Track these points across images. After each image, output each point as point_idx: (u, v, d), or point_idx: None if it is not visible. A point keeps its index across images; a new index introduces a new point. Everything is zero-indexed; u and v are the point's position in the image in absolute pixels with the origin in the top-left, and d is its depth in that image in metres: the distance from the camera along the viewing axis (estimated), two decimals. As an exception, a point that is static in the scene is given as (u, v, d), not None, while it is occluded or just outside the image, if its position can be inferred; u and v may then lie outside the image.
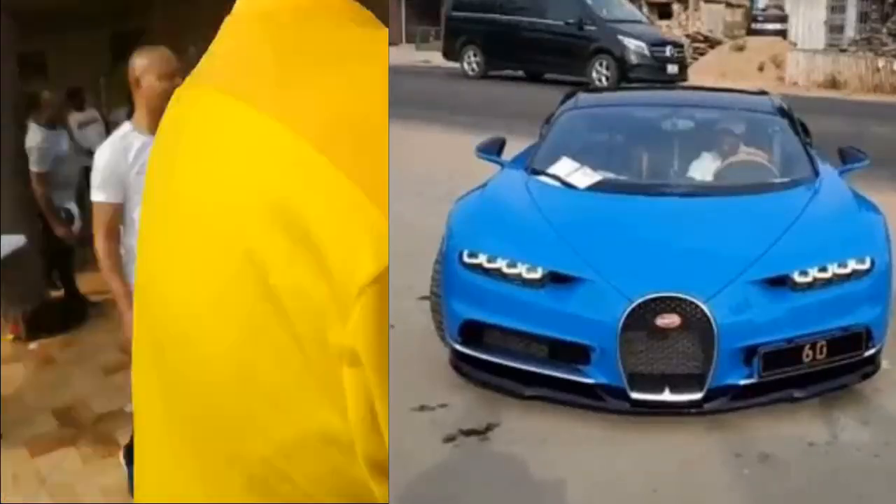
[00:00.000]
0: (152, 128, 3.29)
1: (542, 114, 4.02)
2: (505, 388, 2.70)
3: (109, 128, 7.17)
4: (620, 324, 2.48)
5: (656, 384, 2.53)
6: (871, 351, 2.65)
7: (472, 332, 2.75)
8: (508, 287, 2.68)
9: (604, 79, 10.51)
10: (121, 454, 4.26)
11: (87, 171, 4.22)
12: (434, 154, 5.96)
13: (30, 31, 7.91)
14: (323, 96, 0.67)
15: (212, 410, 0.74)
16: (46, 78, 11.07)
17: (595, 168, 3.24)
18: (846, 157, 3.54)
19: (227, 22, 0.84)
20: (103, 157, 3.37)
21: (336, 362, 0.62)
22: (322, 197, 0.62)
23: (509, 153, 3.69)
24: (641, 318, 2.49)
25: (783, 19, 14.99)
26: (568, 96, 3.98)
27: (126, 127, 3.46)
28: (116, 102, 9.12)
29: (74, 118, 8.09)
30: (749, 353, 2.51)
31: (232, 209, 0.68)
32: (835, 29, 14.62)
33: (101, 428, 4.86)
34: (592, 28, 10.72)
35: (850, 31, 14.29)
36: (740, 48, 14.03)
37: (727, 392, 2.53)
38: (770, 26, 14.83)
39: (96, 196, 3.37)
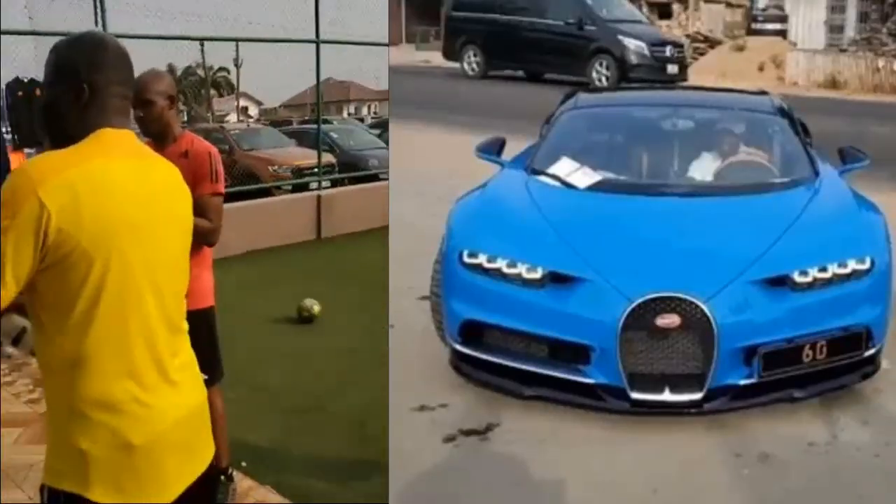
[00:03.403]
0: None
1: (542, 114, 4.02)
2: (505, 388, 2.70)
3: None
4: (620, 324, 2.48)
5: (656, 384, 2.53)
6: (871, 351, 2.65)
7: (472, 332, 2.75)
8: (508, 287, 2.68)
9: (604, 79, 10.51)
10: None
11: None
12: (434, 154, 5.95)
13: None
14: None
15: None
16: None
17: (595, 168, 3.23)
18: (846, 157, 3.54)
19: None
20: None
21: None
22: None
23: (509, 153, 3.69)
24: (641, 318, 2.49)
25: (783, 19, 15.00)
26: (568, 96, 3.98)
27: None
28: None
29: None
30: (749, 353, 2.51)
31: None
32: (835, 29, 14.63)
33: None
34: (592, 28, 10.72)
35: (850, 31, 14.30)
36: (740, 48, 14.04)
37: (727, 392, 2.53)
38: (770, 26, 14.85)
39: None
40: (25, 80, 6.80)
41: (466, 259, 2.75)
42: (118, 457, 1.46)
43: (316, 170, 9.79)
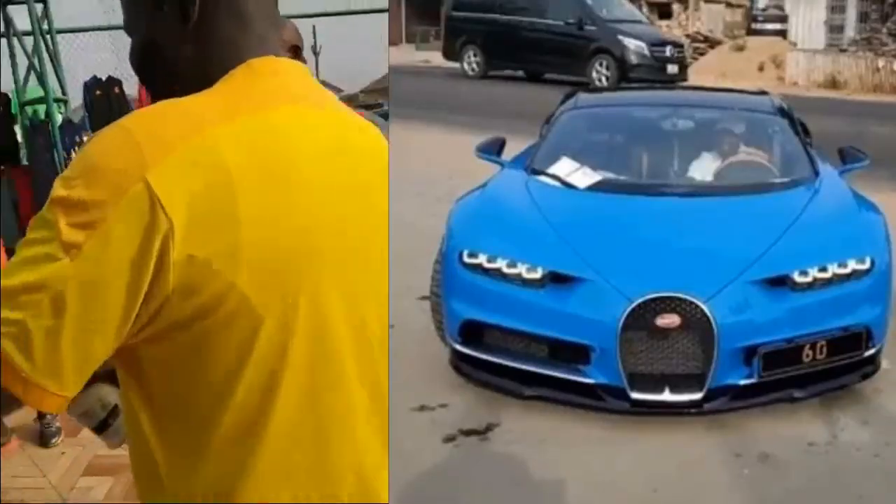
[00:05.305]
0: None
1: (542, 114, 4.02)
2: (505, 388, 2.70)
3: None
4: (620, 324, 2.48)
5: (656, 384, 2.53)
6: (871, 351, 2.65)
7: (472, 332, 2.75)
8: (508, 287, 2.68)
9: (604, 79, 10.50)
10: None
11: None
12: (434, 154, 5.95)
13: None
14: None
15: None
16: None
17: (595, 168, 3.23)
18: (846, 157, 3.54)
19: None
20: None
21: None
22: None
23: (509, 153, 3.69)
24: (641, 317, 2.49)
25: (783, 19, 14.99)
26: (568, 96, 3.98)
27: None
28: None
29: None
30: (749, 353, 2.51)
31: None
32: (835, 29, 14.61)
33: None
34: (592, 28, 10.71)
35: (850, 31, 14.28)
36: (740, 48, 14.03)
37: (727, 392, 2.53)
38: (770, 26, 14.83)
39: None
40: (103, 79, 6.56)
41: (466, 259, 2.76)
42: None
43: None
